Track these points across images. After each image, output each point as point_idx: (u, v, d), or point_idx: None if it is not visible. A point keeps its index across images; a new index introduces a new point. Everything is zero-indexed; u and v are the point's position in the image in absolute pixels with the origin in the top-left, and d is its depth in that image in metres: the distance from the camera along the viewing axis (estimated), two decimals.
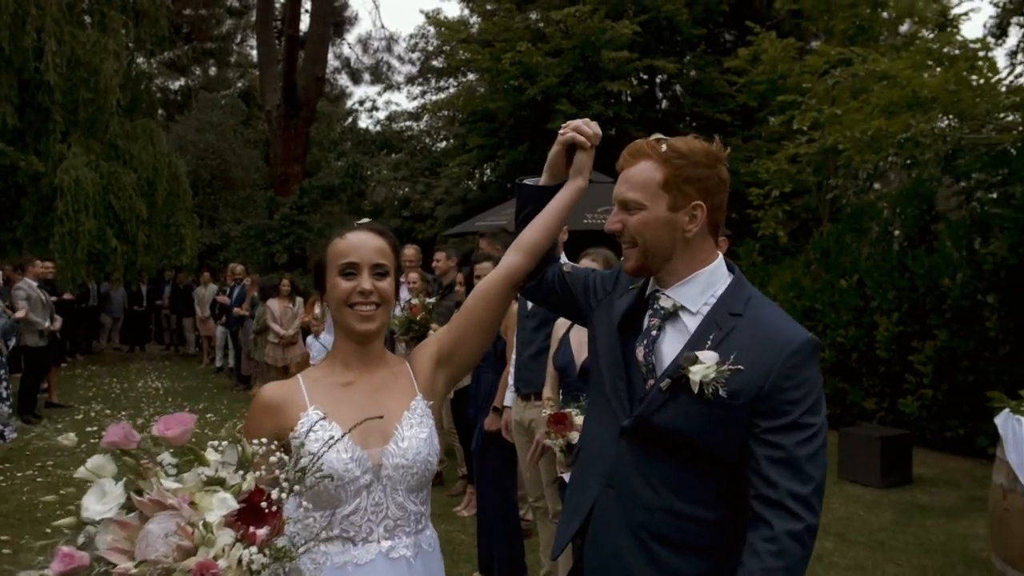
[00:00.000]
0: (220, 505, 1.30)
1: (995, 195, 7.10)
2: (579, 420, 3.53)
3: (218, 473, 1.36)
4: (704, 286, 1.76)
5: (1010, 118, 6.35)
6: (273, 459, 1.39)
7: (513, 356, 4.71)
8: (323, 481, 1.52)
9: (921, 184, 7.56)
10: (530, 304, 4.64)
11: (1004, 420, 4.13)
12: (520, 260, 1.96)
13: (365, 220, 1.94)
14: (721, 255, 1.82)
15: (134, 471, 1.35)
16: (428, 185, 19.17)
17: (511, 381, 4.74)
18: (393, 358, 1.92)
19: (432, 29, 20.07)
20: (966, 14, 10.38)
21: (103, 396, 11.32)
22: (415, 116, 24.84)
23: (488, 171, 18.31)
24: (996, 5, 11.24)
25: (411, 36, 34.42)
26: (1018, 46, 11.24)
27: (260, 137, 23.83)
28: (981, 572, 4.81)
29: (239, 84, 27.90)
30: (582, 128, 1.96)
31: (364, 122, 28.84)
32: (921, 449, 7.39)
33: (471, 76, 20.47)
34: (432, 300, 6.28)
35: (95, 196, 13.04)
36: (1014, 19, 11.16)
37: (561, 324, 4.07)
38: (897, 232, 7.71)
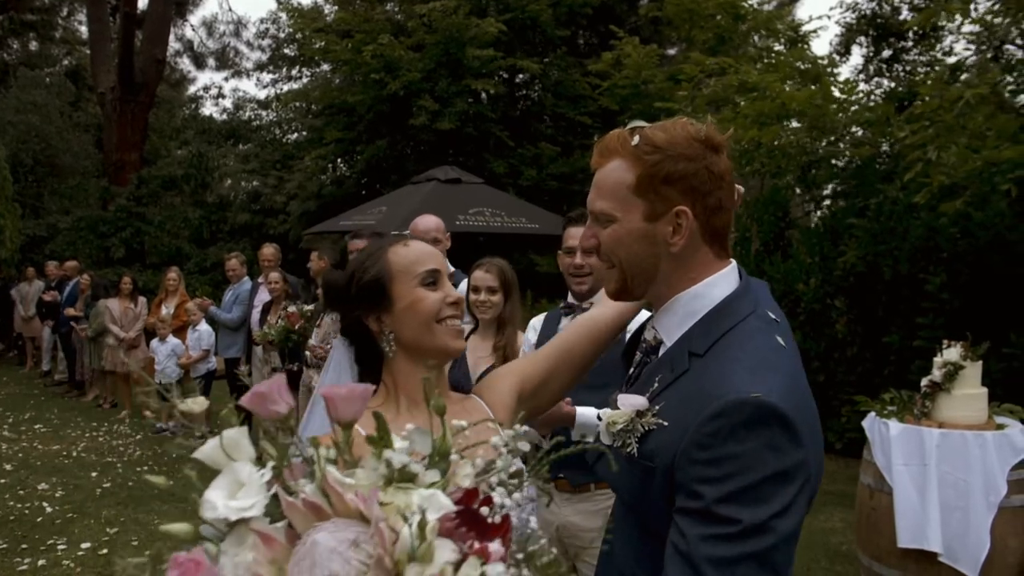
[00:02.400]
0: (429, 506, 0.83)
1: (843, 204, 7.67)
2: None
3: (408, 467, 0.88)
4: (683, 314, 1.40)
5: (860, 133, 6.87)
6: (478, 461, 0.96)
7: None
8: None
9: (777, 192, 8.03)
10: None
11: (871, 423, 4.38)
12: (633, 307, 1.75)
13: (406, 232, 1.71)
14: (727, 270, 1.43)
15: (277, 455, 0.89)
16: (280, 179, 18.30)
17: None
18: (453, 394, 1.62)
19: (284, 16, 19.18)
20: (815, 31, 11.19)
21: None
22: (265, 105, 23.70)
23: (345, 166, 17.75)
24: (840, 24, 12.24)
25: (261, 21, 32.94)
26: (865, 64, 12.24)
27: (92, 121, 21.86)
28: (844, 566, 5.08)
29: (65, 62, 25.45)
30: None
31: (209, 109, 27.19)
32: None
33: (325, 67, 19.81)
34: (310, 307, 5.91)
35: None
36: (858, 39, 12.13)
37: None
38: (754, 238, 8.16)
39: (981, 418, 4.17)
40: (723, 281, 1.40)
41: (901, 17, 11.70)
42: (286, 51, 21.81)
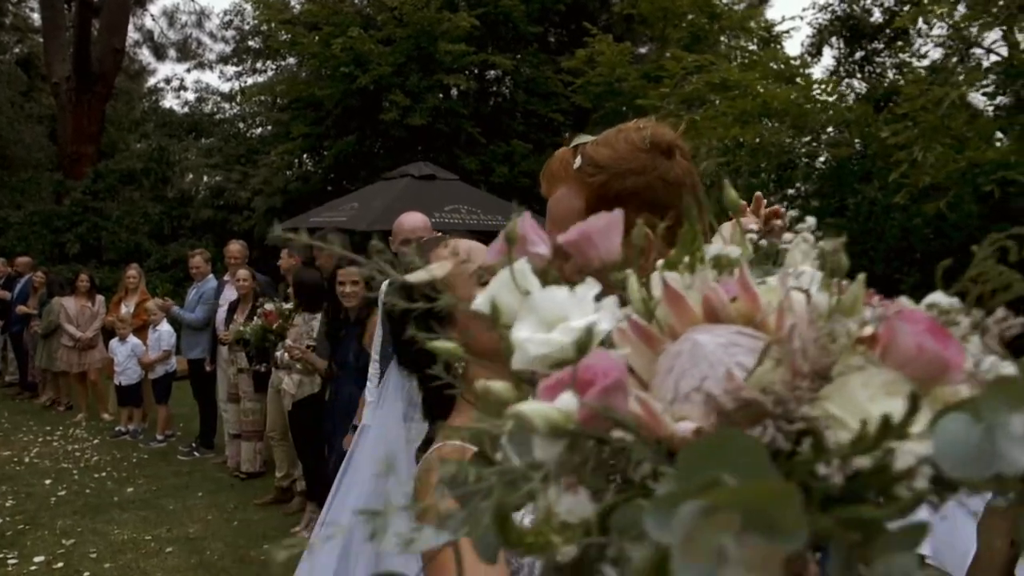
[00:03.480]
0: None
1: (817, 204, 7.68)
2: None
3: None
4: None
5: (834, 132, 6.87)
6: None
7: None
8: None
9: (753, 191, 7.94)
10: None
11: None
12: None
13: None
14: None
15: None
16: (244, 174, 17.89)
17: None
18: None
19: (249, 7, 18.75)
20: (788, 32, 11.29)
21: None
22: (229, 98, 23.17)
23: (311, 162, 17.40)
24: (812, 25, 12.35)
25: (225, 12, 32.22)
26: (838, 65, 12.33)
27: (45, 112, 21.13)
28: None
29: (16, 50, 24.58)
30: None
31: (170, 102, 26.53)
32: None
33: (291, 60, 19.41)
34: (289, 306, 5.68)
35: None
36: (830, 40, 12.25)
37: None
38: None
39: None
40: None
41: (872, 19, 11.87)
42: (251, 43, 21.33)
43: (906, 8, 10.05)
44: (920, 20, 7.13)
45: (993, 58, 8.11)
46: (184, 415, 8.67)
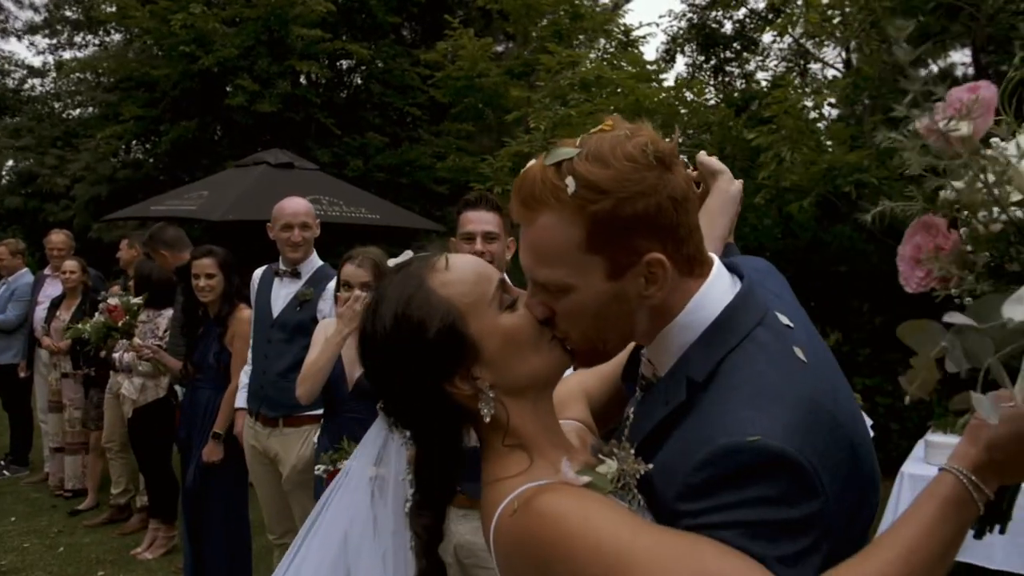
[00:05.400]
0: None
1: None
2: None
3: None
4: (678, 344, 1.15)
5: (692, 133, 7.10)
6: None
7: (246, 371, 3.90)
8: None
9: None
10: (276, 309, 3.85)
11: None
12: None
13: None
14: (713, 276, 1.17)
15: None
16: (61, 159, 16.21)
17: (240, 402, 3.94)
18: None
19: None
20: (644, 38, 11.64)
21: None
22: (40, 73, 20.93)
23: (143, 148, 16.01)
24: (667, 33, 12.88)
25: None
26: (693, 73, 12.88)
27: None
28: None
29: None
30: None
31: None
32: None
33: (116, 35, 17.82)
34: (138, 300, 5.03)
35: None
36: (684, 48, 12.80)
37: (322, 330, 3.38)
38: None
39: None
40: (713, 291, 1.14)
41: (723, 30, 12.56)
42: (68, 13, 19.37)
43: (758, 21, 10.73)
44: (768, 32, 7.51)
45: (831, 72, 8.76)
46: None
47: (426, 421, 1.17)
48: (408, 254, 1.79)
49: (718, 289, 1.15)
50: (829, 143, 6.19)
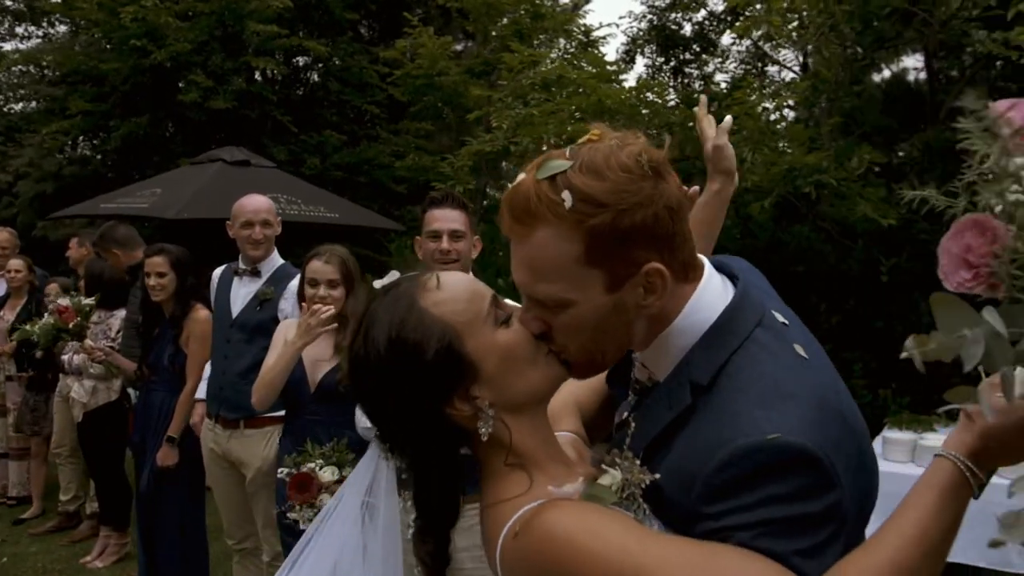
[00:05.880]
0: None
1: None
2: (326, 475, 2.87)
3: None
4: (676, 348, 1.15)
5: (653, 133, 7.14)
6: None
7: (205, 373, 3.79)
8: None
9: None
10: (236, 309, 3.76)
11: None
12: None
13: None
14: (705, 279, 1.17)
15: None
16: (3, 154, 15.74)
17: (200, 393, 3.84)
18: None
19: None
20: (604, 38, 11.70)
21: None
22: None
23: (90, 144, 15.56)
24: (627, 34, 12.97)
25: None
26: (652, 74, 12.98)
27: None
28: None
29: None
30: None
31: None
32: None
33: (61, 27, 17.29)
34: (90, 301, 4.86)
35: None
36: (643, 49, 12.90)
37: (283, 331, 3.30)
38: None
39: None
40: (708, 294, 1.15)
41: (683, 32, 12.69)
42: (8, 2, 18.73)
43: (717, 23, 10.87)
44: (729, 35, 7.60)
45: (788, 75, 8.89)
46: None
47: (423, 445, 1.14)
48: (395, 274, 1.76)
49: (712, 292, 1.15)
50: (786, 145, 6.28)
